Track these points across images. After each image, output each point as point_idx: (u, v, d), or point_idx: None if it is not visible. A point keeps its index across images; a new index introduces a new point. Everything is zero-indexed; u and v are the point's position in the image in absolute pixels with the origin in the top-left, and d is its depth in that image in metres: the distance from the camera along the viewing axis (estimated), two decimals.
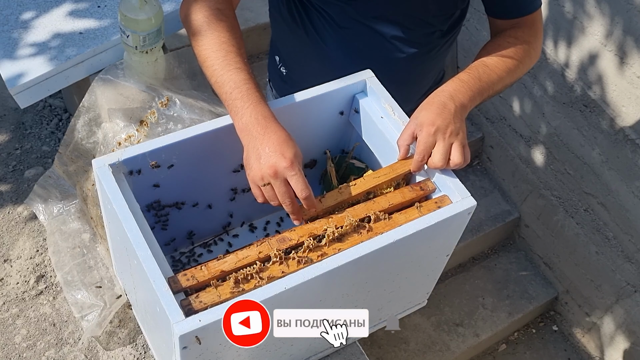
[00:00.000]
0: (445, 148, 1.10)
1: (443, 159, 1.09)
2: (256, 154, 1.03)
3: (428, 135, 1.10)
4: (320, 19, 1.32)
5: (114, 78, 1.52)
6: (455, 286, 2.82)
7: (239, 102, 1.05)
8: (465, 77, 1.18)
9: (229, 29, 1.13)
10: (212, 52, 1.10)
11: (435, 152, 1.10)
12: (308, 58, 1.41)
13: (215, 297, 0.95)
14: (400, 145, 1.13)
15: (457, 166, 1.11)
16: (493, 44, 1.27)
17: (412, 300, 1.34)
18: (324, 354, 1.30)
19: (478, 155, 3.02)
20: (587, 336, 2.81)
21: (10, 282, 1.53)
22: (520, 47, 1.26)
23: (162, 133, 1.41)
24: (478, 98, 1.18)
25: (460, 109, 1.14)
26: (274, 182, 1.03)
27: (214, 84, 1.09)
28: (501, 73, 1.22)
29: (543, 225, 2.81)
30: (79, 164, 1.53)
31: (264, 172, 1.02)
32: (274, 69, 1.52)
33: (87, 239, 1.50)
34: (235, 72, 1.07)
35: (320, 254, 1.01)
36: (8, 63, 1.53)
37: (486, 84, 1.19)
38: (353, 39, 1.32)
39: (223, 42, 1.10)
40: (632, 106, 2.20)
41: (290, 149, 1.03)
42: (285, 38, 1.44)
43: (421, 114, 1.12)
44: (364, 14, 1.28)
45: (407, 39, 1.32)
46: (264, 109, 1.06)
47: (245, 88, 1.06)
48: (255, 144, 1.03)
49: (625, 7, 2.07)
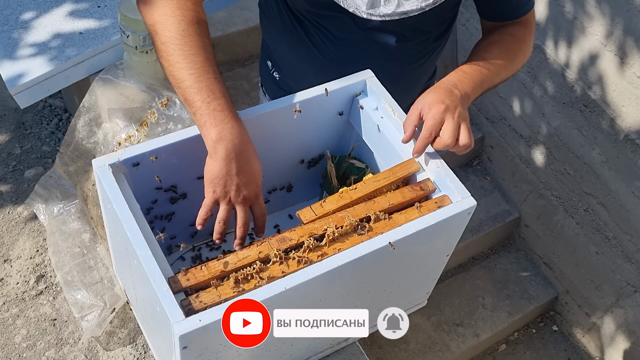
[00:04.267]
0: (455, 127, 1.09)
1: (453, 137, 1.08)
2: (229, 175, 1.03)
3: (438, 112, 1.09)
4: (314, 29, 1.31)
5: (114, 78, 1.52)
6: (455, 286, 2.82)
7: (219, 114, 1.02)
8: (468, 69, 1.20)
9: (201, 33, 1.08)
10: (184, 58, 1.05)
11: (445, 130, 1.09)
12: (302, 64, 1.40)
13: (216, 297, 0.95)
14: (407, 126, 1.12)
15: (464, 148, 1.10)
16: (490, 40, 1.29)
17: (412, 300, 1.34)
18: (324, 354, 1.30)
19: (478, 155, 3.02)
20: (587, 336, 2.81)
21: (10, 282, 1.53)
22: (516, 44, 1.28)
23: (162, 133, 1.41)
24: (479, 90, 1.20)
25: (465, 97, 1.15)
26: (239, 207, 1.06)
27: (189, 87, 1.04)
28: (499, 68, 1.24)
29: (543, 225, 2.81)
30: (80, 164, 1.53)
31: (233, 196, 1.04)
32: (266, 73, 1.51)
33: (87, 239, 1.50)
34: (214, 81, 1.04)
35: (320, 254, 1.01)
36: (8, 63, 1.53)
37: (487, 77, 1.21)
38: (349, 48, 1.31)
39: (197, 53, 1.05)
40: (632, 106, 2.20)
41: (260, 177, 1.06)
42: (277, 45, 1.42)
43: (428, 95, 1.12)
44: (362, 25, 1.27)
45: (404, 47, 1.32)
46: (244, 129, 1.05)
47: (225, 100, 1.04)
48: (231, 164, 1.03)
49: (625, 7, 2.07)
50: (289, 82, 1.45)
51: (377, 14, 1.13)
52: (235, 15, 2.60)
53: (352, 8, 1.13)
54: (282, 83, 1.47)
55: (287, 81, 1.46)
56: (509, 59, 1.26)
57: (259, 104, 1.30)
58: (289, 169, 1.32)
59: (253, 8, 2.42)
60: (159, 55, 1.07)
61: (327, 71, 1.29)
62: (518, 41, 1.28)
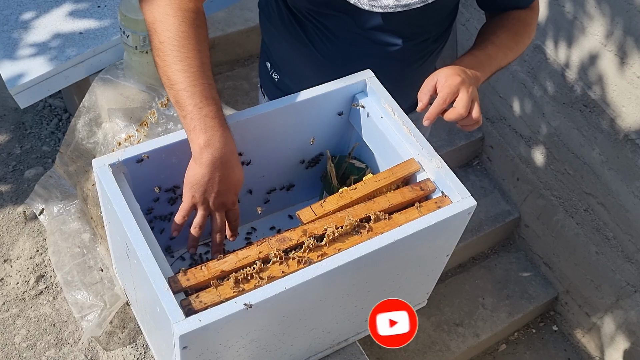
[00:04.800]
0: (469, 99, 1.11)
1: (466, 108, 1.10)
2: (212, 182, 1.04)
3: (453, 83, 1.11)
4: (314, 28, 1.30)
5: (114, 78, 1.52)
6: (455, 286, 2.82)
7: (210, 121, 1.02)
8: (478, 53, 1.23)
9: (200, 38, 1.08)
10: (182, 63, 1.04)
11: (459, 101, 1.11)
12: (301, 65, 1.39)
13: (216, 297, 0.95)
14: (422, 95, 1.13)
15: (475, 122, 1.12)
16: (497, 23, 1.31)
17: (412, 300, 1.34)
18: (324, 354, 1.30)
19: (478, 155, 3.02)
20: (587, 336, 2.81)
21: (10, 282, 1.53)
22: (523, 27, 1.31)
23: (162, 133, 1.41)
24: (488, 73, 1.23)
25: (476, 78, 1.18)
26: (216, 213, 1.08)
27: (182, 90, 1.03)
28: (507, 51, 1.27)
29: (543, 225, 2.81)
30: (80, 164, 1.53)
31: (212, 202, 1.06)
32: (265, 75, 1.51)
33: (87, 239, 1.50)
34: (208, 87, 1.04)
35: (320, 254, 1.01)
36: (8, 63, 1.53)
37: (495, 61, 1.25)
38: (349, 48, 1.31)
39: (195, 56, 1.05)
40: (632, 106, 2.20)
41: (240, 186, 1.08)
42: (277, 45, 1.42)
43: (443, 69, 1.15)
44: (362, 25, 1.26)
45: (404, 47, 1.32)
46: (232, 138, 1.05)
47: (217, 108, 1.04)
48: (214, 172, 1.03)
49: (625, 7, 2.07)
50: (288, 82, 1.45)
51: (378, 5, 1.12)
52: (235, 15, 2.60)
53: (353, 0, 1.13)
54: (281, 84, 1.47)
55: (287, 82, 1.46)
56: (516, 42, 1.29)
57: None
58: (289, 169, 1.32)
59: (253, 8, 2.42)
60: (154, 54, 1.07)
61: (326, 71, 1.29)
62: (525, 25, 1.31)
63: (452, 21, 1.37)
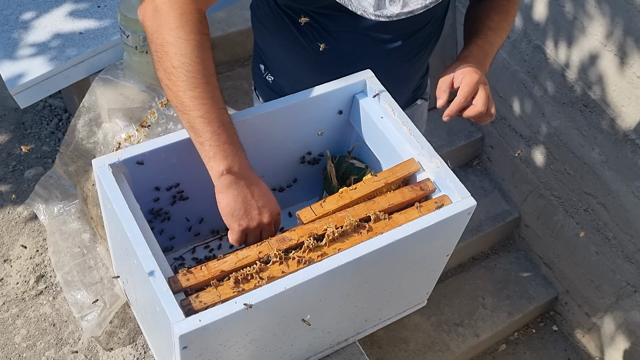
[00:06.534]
0: (487, 96, 1.16)
1: (485, 105, 1.16)
2: (246, 201, 1.04)
3: (473, 81, 1.16)
4: (309, 28, 1.30)
5: (114, 78, 1.52)
6: (455, 286, 2.82)
7: (228, 147, 1.02)
8: (481, 43, 1.27)
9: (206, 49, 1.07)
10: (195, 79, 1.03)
11: (479, 98, 1.16)
12: (296, 67, 1.39)
13: (215, 297, 0.95)
14: (441, 92, 1.18)
15: (491, 117, 1.18)
16: (488, 6, 1.34)
17: (412, 300, 1.34)
18: (323, 354, 1.30)
19: (478, 155, 3.02)
20: (587, 336, 2.82)
21: (10, 282, 1.53)
22: (511, 5, 1.35)
23: (162, 133, 1.41)
24: (491, 60, 1.28)
25: (484, 70, 1.23)
26: (267, 228, 1.08)
27: (199, 117, 1.02)
28: (502, 34, 1.32)
29: (543, 225, 2.81)
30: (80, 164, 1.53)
31: (259, 219, 1.06)
32: (259, 77, 1.50)
33: (87, 239, 1.50)
34: (223, 112, 1.04)
35: (320, 254, 1.01)
36: (8, 63, 1.54)
37: (496, 47, 1.30)
38: (346, 46, 1.31)
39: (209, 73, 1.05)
40: (632, 106, 2.20)
41: (275, 205, 1.08)
42: (270, 47, 1.41)
43: (460, 66, 1.19)
44: (361, 23, 1.26)
45: (404, 45, 1.32)
46: (246, 159, 1.06)
47: (233, 132, 1.04)
48: (243, 190, 1.04)
49: (625, 7, 2.07)
50: (283, 84, 1.44)
51: (384, 14, 1.13)
52: (235, 15, 2.60)
53: (360, 10, 1.13)
54: (276, 86, 1.46)
55: (281, 83, 1.45)
56: (508, 22, 1.34)
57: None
58: (289, 169, 1.32)
59: None
60: (164, 76, 1.04)
61: (322, 70, 1.29)
62: (512, 2, 1.35)
63: (445, 13, 1.40)
